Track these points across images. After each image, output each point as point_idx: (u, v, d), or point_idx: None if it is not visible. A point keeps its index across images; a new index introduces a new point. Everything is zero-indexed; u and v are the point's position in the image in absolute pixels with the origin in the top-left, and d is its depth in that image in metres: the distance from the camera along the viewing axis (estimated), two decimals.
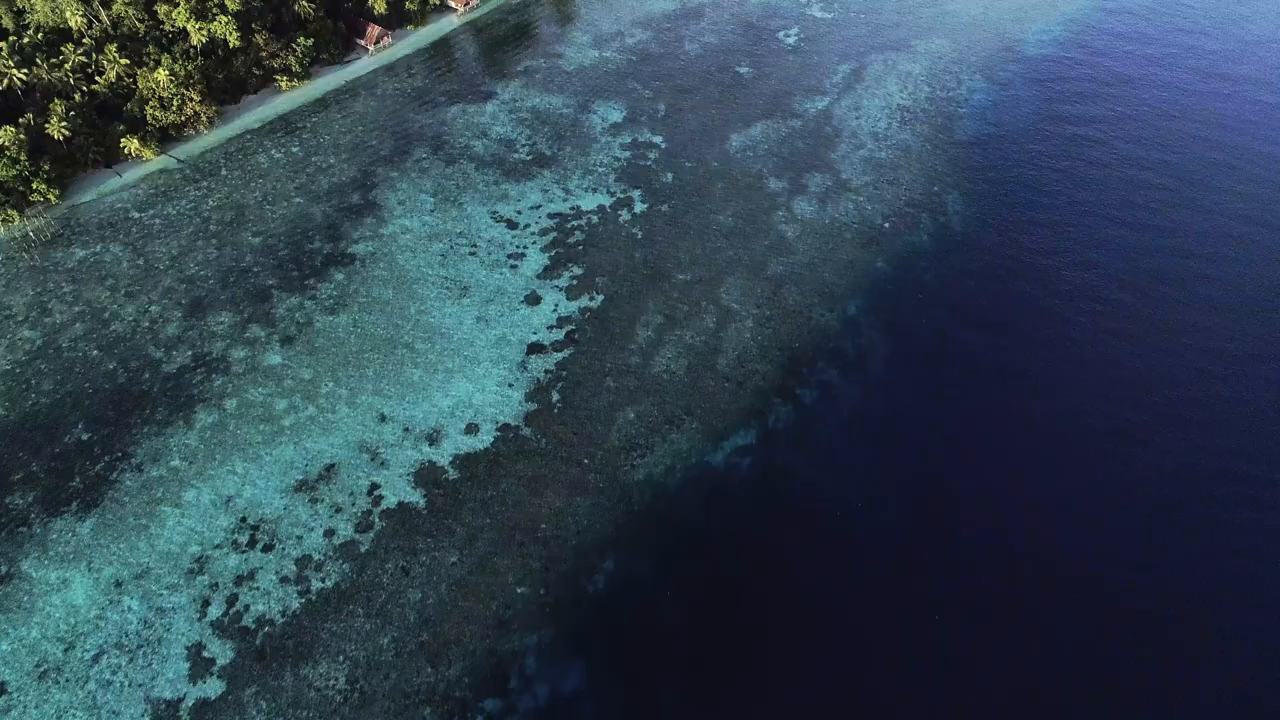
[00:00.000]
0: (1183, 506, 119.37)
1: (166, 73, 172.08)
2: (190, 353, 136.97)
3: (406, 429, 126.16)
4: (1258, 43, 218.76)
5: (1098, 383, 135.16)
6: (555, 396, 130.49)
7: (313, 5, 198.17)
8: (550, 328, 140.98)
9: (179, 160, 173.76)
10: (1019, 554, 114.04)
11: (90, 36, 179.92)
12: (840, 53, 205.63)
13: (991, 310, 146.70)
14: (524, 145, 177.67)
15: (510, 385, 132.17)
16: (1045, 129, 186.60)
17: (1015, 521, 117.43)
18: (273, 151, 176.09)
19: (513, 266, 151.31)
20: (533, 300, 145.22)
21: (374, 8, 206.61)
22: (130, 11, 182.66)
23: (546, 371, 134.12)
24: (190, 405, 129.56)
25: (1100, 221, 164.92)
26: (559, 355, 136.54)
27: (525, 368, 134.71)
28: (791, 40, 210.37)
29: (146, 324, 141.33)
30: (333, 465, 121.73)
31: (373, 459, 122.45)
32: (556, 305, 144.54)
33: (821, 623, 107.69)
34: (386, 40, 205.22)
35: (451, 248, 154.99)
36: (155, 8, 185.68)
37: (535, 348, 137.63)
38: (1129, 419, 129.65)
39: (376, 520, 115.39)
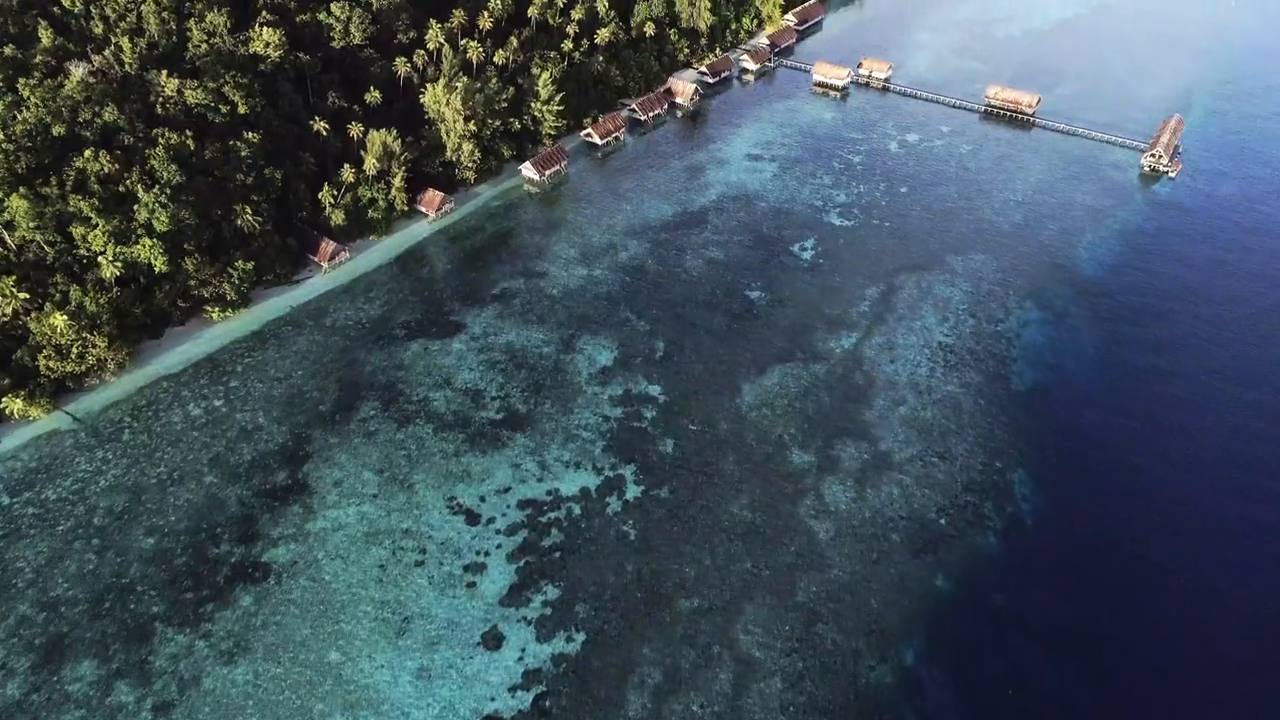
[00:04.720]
0: None
1: (64, 319, 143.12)
2: None
3: None
4: None
5: None
6: None
7: (259, 220, 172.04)
8: (514, 688, 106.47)
9: (75, 419, 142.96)
10: None
11: None
12: (866, 272, 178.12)
13: (1082, 634, 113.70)
14: (494, 399, 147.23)
15: None
16: (1114, 367, 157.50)
17: None
18: (191, 406, 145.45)
19: (469, 585, 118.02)
20: (492, 641, 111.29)
21: (330, 219, 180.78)
22: (39, 235, 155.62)
23: None
24: None
25: (1200, 490, 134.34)
26: None
27: None
28: (808, 255, 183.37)
29: None
30: None
31: None
32: (523, 650, 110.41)
33: None
34: (343, 256, 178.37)
35: (394, 554, 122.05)
36: (71, 229, 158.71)
37: None
38: None
39: None
